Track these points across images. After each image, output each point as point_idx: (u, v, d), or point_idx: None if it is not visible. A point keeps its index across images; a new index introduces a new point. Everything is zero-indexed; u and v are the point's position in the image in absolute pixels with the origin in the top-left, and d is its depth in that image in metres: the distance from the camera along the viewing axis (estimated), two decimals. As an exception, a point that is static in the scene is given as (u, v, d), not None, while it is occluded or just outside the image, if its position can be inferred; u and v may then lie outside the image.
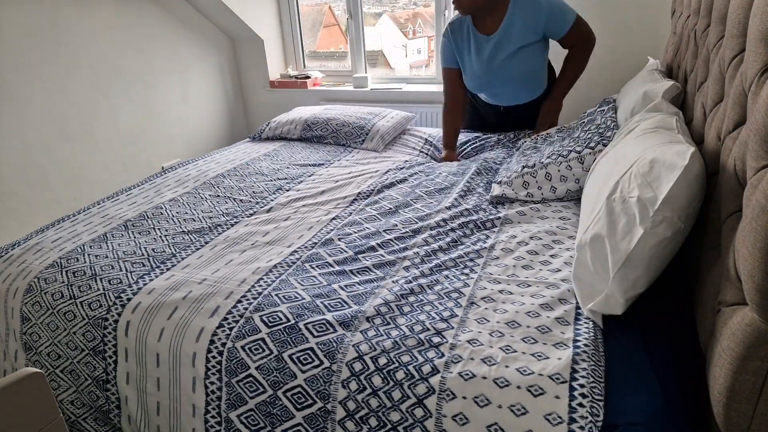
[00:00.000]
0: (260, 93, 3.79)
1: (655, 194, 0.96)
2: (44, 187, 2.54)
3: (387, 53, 3.80)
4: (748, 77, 0.85)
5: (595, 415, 0.83)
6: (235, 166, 2.09)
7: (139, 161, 3.05)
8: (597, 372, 0.91)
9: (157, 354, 1.12)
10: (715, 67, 1.13)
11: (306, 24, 3.80)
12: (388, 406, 0.92)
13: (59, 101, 2.55)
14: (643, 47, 2.67)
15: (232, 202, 1.73)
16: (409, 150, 2.27)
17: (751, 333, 0.67)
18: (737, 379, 0.70)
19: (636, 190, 1.00)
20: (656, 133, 1.18)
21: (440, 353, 0.97)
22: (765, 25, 0.79)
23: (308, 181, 1.89)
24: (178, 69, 3.26)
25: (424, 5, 3.65)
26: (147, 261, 1.35)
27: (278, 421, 1.00)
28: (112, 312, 1.19)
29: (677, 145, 1.03)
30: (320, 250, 1.37)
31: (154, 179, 1.99)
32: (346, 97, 3.54)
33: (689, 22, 1.65)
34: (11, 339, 1.32)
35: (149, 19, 3.00)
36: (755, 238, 0.66)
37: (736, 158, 0.86)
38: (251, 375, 1.03)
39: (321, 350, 1.01)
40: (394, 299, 1.14)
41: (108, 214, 1.66)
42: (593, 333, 1.00)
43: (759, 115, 0.73)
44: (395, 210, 1.60)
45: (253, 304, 1.13)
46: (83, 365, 1.21)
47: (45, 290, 1.28)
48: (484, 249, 1.34)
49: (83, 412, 1.24)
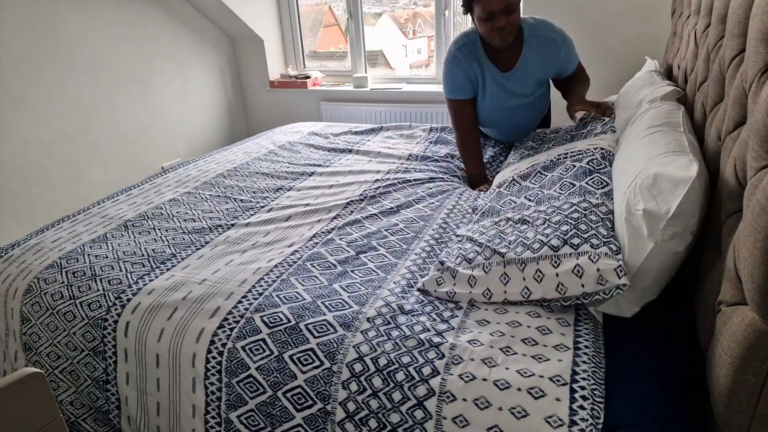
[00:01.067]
0: (260, 93, 3.79)
1: (661, 208, 0.95)
2: (44, 187, 2.54)
3: (387, 53, 3.80)
4: (748, 77, 0.85)
5: (596, 417, 0.83)
6: (236, 166, 2.09)
7: (139, 161, 3.05)
8: (598, 374, 0.90)
9: (157, 354, 1.12)
10: (715, 67, 1.13)
11: (306, 24, 3.80)
12: (388, 408, 0.92)
13: (59, 101, 2.55)
14: (643, 47, 2.66)
15: (233, 202, 1.73)
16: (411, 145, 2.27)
17: (751, 333, 0.67)
18: (737, 379, 0.70)
19: (641, 203, 0.99)
20: (661, 134, 1.17)
21: (440, 354, 0.97)
22: (765, 25, 0.79)
23: (309, 181, 1.89)
24: (178, 69, 3.25)
25: (424, 5, 3.65)
26: (147, 261, 1.35)
27: (278, 421, 0.99)
28: (112, 312, 1.19)
29: (680, 158, 1.01)
30: (321, 250, 1.36)
31: (154, 179, 1.99)
32: (346, 97, 3.54)
33: (689, 22, 1.65)
34: (11, 339, 1.31)
35: (149, 18, 3.00)
36: (755, 238, 0.66)
37: (736, 158, 0.86)
38: (251, 375, 1.03)
39: (321, 351, 1.01)
40: (395, 299, 1.14)
41: (108, 214, 1.66)
42: (594, 334, 1.00)
43: (759, 115, 0.73)
44: (397, 210, 1.60)
45: (253, 305, 1.13)
46: (83, 366, 1.21)
47: (45, 290, 1.27)
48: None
49: (83, 413, 1.24)
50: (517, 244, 1.14)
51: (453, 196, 1.68)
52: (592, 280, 0.98)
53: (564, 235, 1.08)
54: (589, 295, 0.99)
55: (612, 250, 1.00)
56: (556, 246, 1.06)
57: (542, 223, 1.17)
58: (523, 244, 1.12)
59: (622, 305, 1.03)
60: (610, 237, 1.05)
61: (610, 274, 0.96)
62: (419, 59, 3.81)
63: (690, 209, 0.93)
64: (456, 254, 1.22)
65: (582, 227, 1.09)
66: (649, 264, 0.97)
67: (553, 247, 1.07)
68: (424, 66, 3.77)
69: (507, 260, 1.11)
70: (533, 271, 1.06)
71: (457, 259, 1.19)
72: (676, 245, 0.95)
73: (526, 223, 1.21)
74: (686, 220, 0.93)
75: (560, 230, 1.10)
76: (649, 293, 1.01)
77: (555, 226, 1.13)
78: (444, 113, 3.24)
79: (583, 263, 1.00)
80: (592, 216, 1.12)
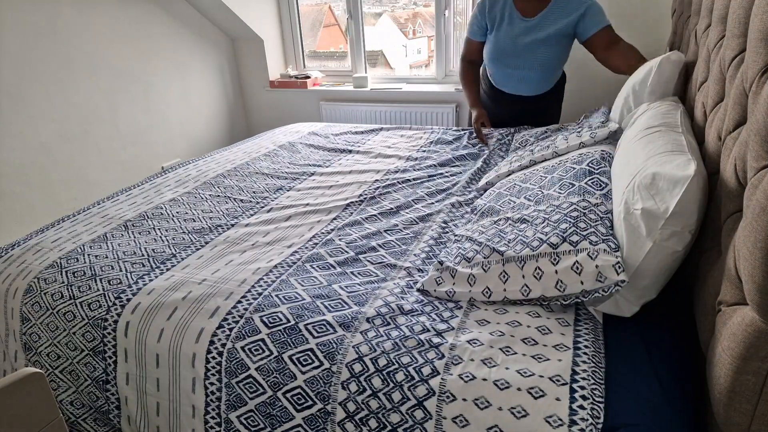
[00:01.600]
0: (260, 93, 3.80)
1: (659, 207, 0.95)
2: (44, 187, 2.54)
3: (387, 53, 3.80)
4: (748, 77, 0.85)
5: (596, 417, 0.83)
6: (236, 166, 2.09)
7: (139, 161, 3.05)
8: (597, 374, 0.90)
9: (157, 354, 1.12)
10: (716, 67, 1.13)
11: (306, 24, 3.80)
12: (388, 408, 0.92)
13: (59, 101, 2.55)
14: (644, 47, 2.66)
15: (233, 202, 1.73)
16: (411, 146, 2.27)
17: (751, 333, 0.67)
18: (737, 379, 0.70)
19: (640, 203, 0.99)
20: (659, 134, 1.18)
21: (440, 354, 0.97)
22: (765, 25, 0.79)
23: (308, 181, 1.89)
24: (178, 69, 3.25)
25: (424, 5, 3.65)
26: (147, 261, 1.35)
27: (278, 422, 0.99)
28: (112, 312, 1.19)
29: (678, 157, 1.02)
30: (321, 250, 1.36)
31: (154, 179, 1.99)
32: (346, 97, 3.54)
33: (690, 22, 1.65)
34: (11, 339, 1.31)
35: (149, 19, 3.00)
36: (756, 238, 0.66)
37: (736, 158, 0.86)
38: (251, 376, 1.03)
39: (321, 351, 1.01)
40: (394, 299, 1.14)
41: (108, 214, 1.66)
42: (594, 334, 1.00)
43: (759, 115, 0.73)
44: (396, 210, 1.60)
45: (253, 305, 1.13)
46: (83, 366, 1.21)
47: (45, 290, 1.27)
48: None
49: (83, 413, 1.24)
50: (516, 243, 1.14)
51: (452, 197, 1.68)
52: (591, 277, 0.98)
53: (563, 233, 1.08)
54: (588, 292, 0.99)
55: (611, 247, 1.01)
56: (555, 243, 1.06)
57: (541, 222, 1.17)
58: (523, 242, 1.12)
59: (622, 305, 1.03)
60: (609, 235, 1.05)
61: (609, 271, 0.96)
62: (419, 59, 3.81)
63: (688, 208, 0.93)
64: (455, 253, 1.22)
65: (581, 225, 1.09)
66: (648, 263, 0.97)
67: (552, 244, 1.07)
68: (424, 66, 3.77)
69: (506, 258, 1.11)
70: (532, 268, 1.06)
71: (456, 258, 1.19)
72: (674, 244, 0.95)
73: (526, 222, 1.21)
74: (685, 219, 0.93)
75: (559, 228, 1.10)
76: (648, 292, 1.01)
77: (554, 224, 1.13)
78: (444, 113, 3.25)
79: (582, 260, 1.00)
80: (592, 215, 1.12)
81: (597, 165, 1.35)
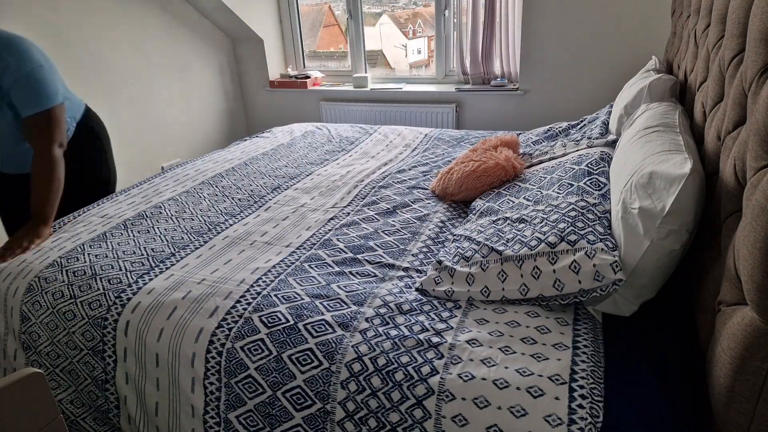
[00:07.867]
0: (260, 93, 3.80)
1: (656, 206, 0.95)
2: (44, 187, 2.53)
3: (387, 53, 3.80)
4: (748, 77, 0.85)
5: (595, 416, 0.83)
6: (234, 165, 2.09)
7: (139, 161, 3.05)
8: (597, 373, 0.90)
9: (157, 354, 1.12)
10: (715, 67, 1.13)
11: (306, 24, 3.80)
12: (388, 407, 0.92)
13: (59, 101, 2.55)
14: (643, 47, 2.67)
15: (231, 201, 1.73)
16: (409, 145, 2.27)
17: (751, 333, 0.67)
18: (737, 379, 0.70)
19: (637, 202, 1.00)
20: (657, 134, 1.18)
21: (439, 354, 0.97)
22: (765, 25, 0.79)
23: (307, 180, 1.89)
24: (178, 69, 3.25)
25: (424, 5, 3.65)
26: (146, 260, 1.35)
27: (277, 421, 0.99)
28: (112, 312, 1.19)
29: (675, 156, 1.02)
30: (319, 251, 1.36)
31: (153, 179, 1.99)
32: (346, 97, 3.54)
33: (689, 22, 1.65)
34: (10, 338, 1.31)
35: (149, 18, 3.00)
36: (755, 238, 0.66)
37: (735, 158, 0.86)
38: (250, 375, 1.03)
39: (320, 351, 1.01)
40: (393, 299, 1.14)
41: (107, 213, 1.66)
42: (593, 334, 1.00)
43: (759, 115, 0.73)
44: (394, 210, 1.60)
45: (252, 305, 1.13)
46: (83, 365, 1.21)
47: (45, 289, 1.27)
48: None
49: (82, 412, 1.24)
50: (514, 242, 1.14)
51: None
52: (589, 276, 0.98)
53: (561, 232, 1.08)
54: (586, 292, 0.99)
55: (608, 246, 1.01)
56: (553, 243, 1.07)
57: (540, 222, 1.17)
58: (521, 242, 1.12)
59: (621, 304, 1.03)
60: (607, 234, 1.05)
61: (606, 270, 0.96)
62: (419, 59, 3.81)
63: (685, 207, 0.93)
64: (454, 253, 1.22)
65: (579, 225, 1.09)
66: (646, 262, 0.97)
67: (550, 244, 1.07)
68: (424, 66, 3.77)
69: (504, 257, 1.11)
70: (530, 267, 1.06)
71: (454, 257, 1.19)
72: (672, 243, 0.95)
73: (524, 221, 1.21)
74: (682, 218, 0.93)
75: (557, 228, 1.10)
76: (646, 292, 1.01)
77: (552, 224, 1.13)
78: (444, 113, 3.24)
79: (580, 259, 1.00)
80: (590, 215, 1.12)
81: (596, 165, 1.36)
